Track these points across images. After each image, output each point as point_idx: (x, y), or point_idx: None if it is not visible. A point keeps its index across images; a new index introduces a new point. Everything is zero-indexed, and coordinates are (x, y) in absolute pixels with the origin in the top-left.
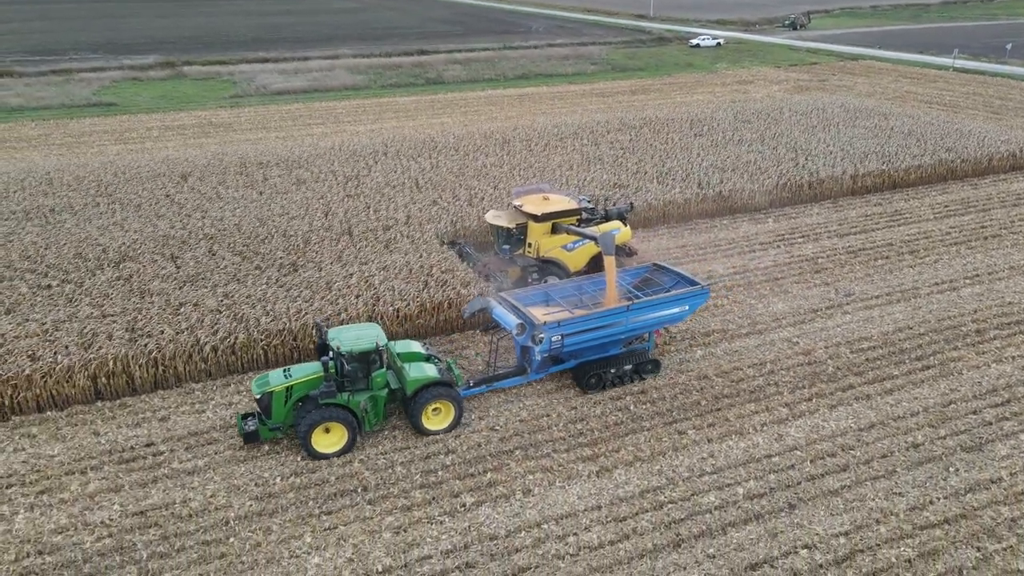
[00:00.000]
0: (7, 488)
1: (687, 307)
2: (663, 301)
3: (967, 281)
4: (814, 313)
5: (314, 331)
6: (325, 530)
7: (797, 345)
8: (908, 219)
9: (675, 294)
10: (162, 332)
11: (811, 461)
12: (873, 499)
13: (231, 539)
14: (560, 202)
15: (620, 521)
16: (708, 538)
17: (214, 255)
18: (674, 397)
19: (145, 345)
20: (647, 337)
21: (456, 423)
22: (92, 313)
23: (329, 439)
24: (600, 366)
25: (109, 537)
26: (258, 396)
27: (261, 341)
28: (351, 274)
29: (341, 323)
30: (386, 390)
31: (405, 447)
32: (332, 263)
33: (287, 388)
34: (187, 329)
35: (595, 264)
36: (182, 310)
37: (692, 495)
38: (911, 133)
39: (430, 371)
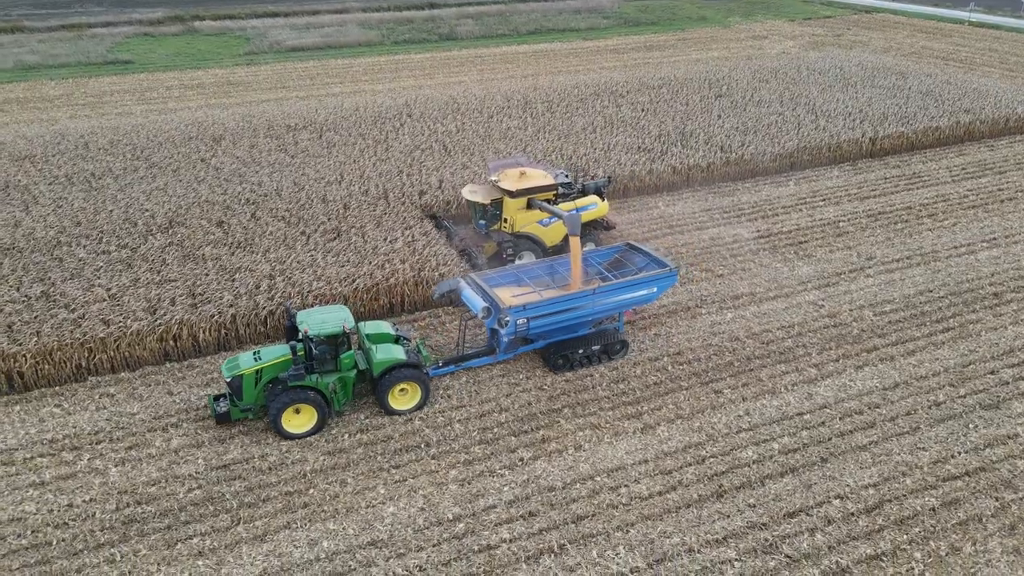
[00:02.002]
0: (97, 444)
1: (655, 289)
2: (630, 284)
3: (984, 245)
4: (838, 276)
5: (283, 313)
6: (396, 482)
7: (823, 308)
8: (926, 182)
9: (642, 276)
10: (222, 298)
11: (840, 418)
12: (899, 453)
13: (311, 490)
14: (536, 177)
15: (666, 474)
16: (748, 489)
17: (258, 220)
18: (708, 358)
19: (208, 310)
20: (617, 317)
21: (423, 403)
22: (153, 279)
23: (299, 420)
24: (568, 347)
25: (199, 489)
26: (229, 379)
27: (310, 304)
28: (395, 239)
29: (391, 289)
30: (354, 371)
31: (461, 406)
32: (374, 228)
33: (257, 371)
34: (246, 294)
35: None
36: (237, 276)
37: (731, 450)
38: (928, 93)
39: (397, 353)
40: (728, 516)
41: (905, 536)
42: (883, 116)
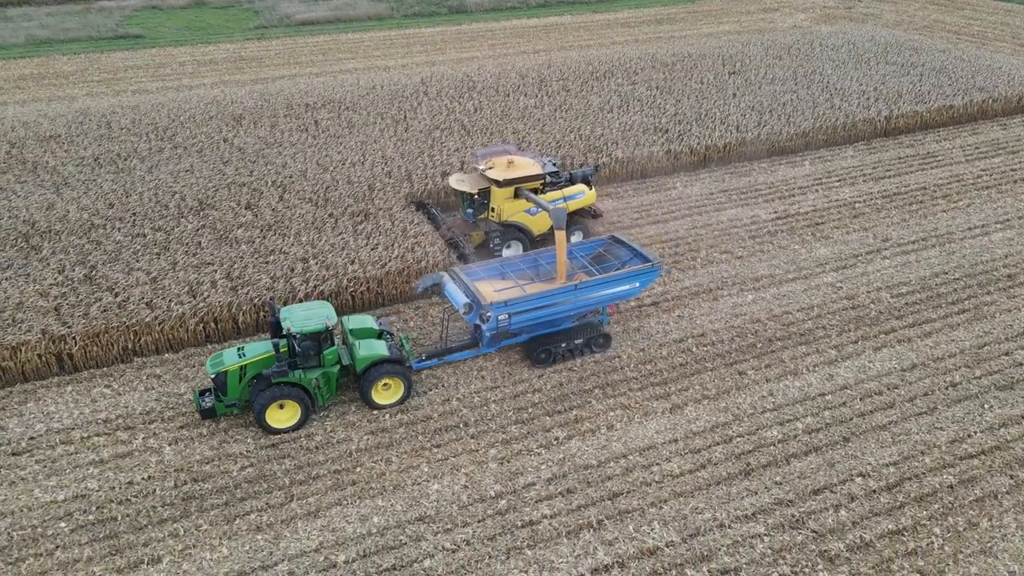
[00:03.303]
0: (150, 423)
1: (637, 284)
2: (612, 279)
3: (998, 226)
4: (855, 258)
5: (267, 309)
6: (438, 461)
7: (841, 290)
8: (940, 162)
9: (625, 272)
10: (259, 280)
11: (860, 399)
12: (917, 433)
13: (358, 468)
14: (524, 166)
15: (696, 453)
16: (774, 467)
17: (287, 202)
18: (732, 340)
19: (247, 293)
20: (600, 311)
21: (406, 397)
22: (190, 261)
23: (283, 415)
24: (551, 340)
25: (250, 467)
26: (213, 375)
27: (348, 288)
28: (422, 221)
29: (423, 272)
30: (338, 366)
31: (495, 386)
32: (401, 210)
33: (241, 367)
34: (282, 277)
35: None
36: (271, 258)
37: (757, 430)
38: (942, 70)
39: (380, 349)
40: (756, 493)
41: (925, 512)
42: (897, 94)
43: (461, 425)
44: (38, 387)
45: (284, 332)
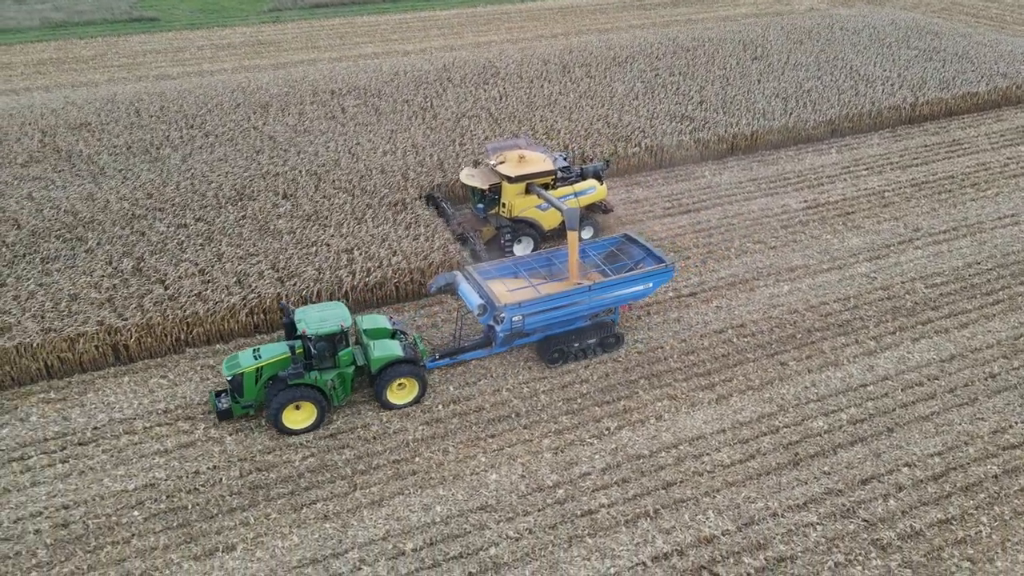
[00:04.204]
0: (209, 413)
1: (651, 284)
2: (626, 280)
3: None
4: (887, 248)
5: (280, 311)
6: (494, 451)
7: (875, 280)
8: (967, 149)
9: (639, 273)
10: (305, 271)
11: (902, 390)
12: (959, 424)
13: (416, 459)
14: (535, 161)
15: (744, 443)
16: (822, 458)
17: (321, 191)
18: (771, 330)
19: (294, 284)
20: (613, 310)
21: (420, 397)
22: (235, 252)
23: (299, 416)
24: (563, 340)
25: (312, 457)
26: (229, 377)
27: (392, 279)
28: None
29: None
30: (352, 367)
31: (543, 376)
32: (438, 200)
33: (257, 369)
34: (327, 268)
35: None
36: (314, 248)
37: (802, 420)
38: (964, 56)
39: (394, 349)
40: (806, 483)
41: (972, 502)
42: (922, 80)
43: (513, 415)
44: (95, 377)
45: (299, 334)
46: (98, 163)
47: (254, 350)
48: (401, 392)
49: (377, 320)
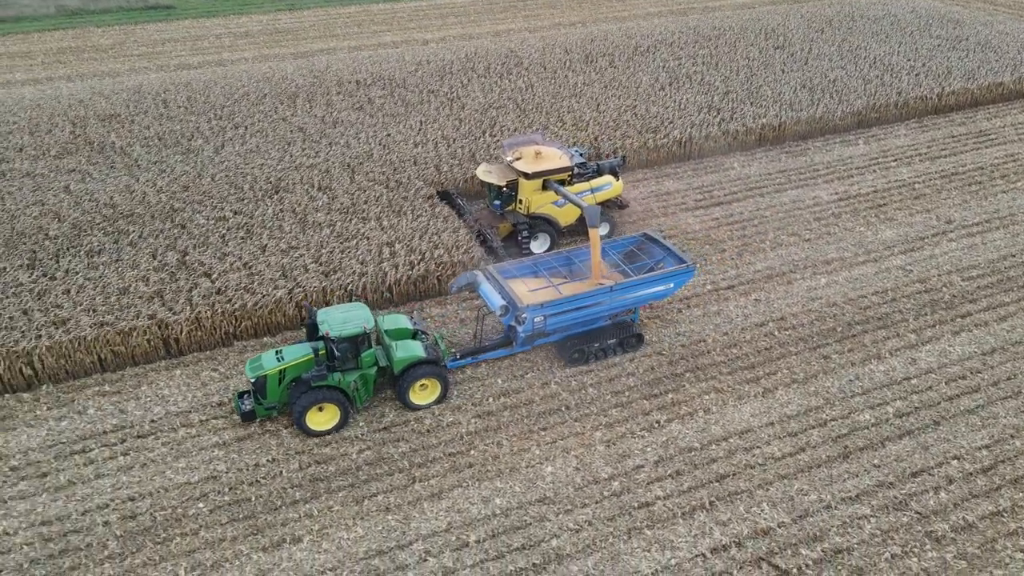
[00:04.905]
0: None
1: (672, 285)
2: (648, 280)
3: None
4: (921, 241)
5: (304, 313)
6: (547, 444)
7: (911, 273)
8: (994, 140)
9: (661, 273)
10: (348, 265)
11: (945, 383)
12: (1005, 416)
13: (471, 451)
14: (552, 158)
15: (793, 436)
16: (871, 451)
17: (357, 184)
18: (811, 323)
19: (338, 278)
20: (633, 310)
21: (443, 397)
22: (277, 246)
23: (323, 417)
24: (584, 341)
25: (368, 450)
26: (253, 379)
27: (435, 272)
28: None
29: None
30: (375, 368)
31: (589, 369)
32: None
33: (280, 371)
34: (370, 261)
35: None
36: (354, 242)
37: (849, 413)
38: (987, 45)
39: (416, 350)
40: (857, 476)
41: (1022, 494)
42: (947, 70)
43: (563, 408)
44: (147, 370)
45: (322, 335)
46: (131, 155)
47: (276, 351)
48: (423, 392)
49: (398, 320)
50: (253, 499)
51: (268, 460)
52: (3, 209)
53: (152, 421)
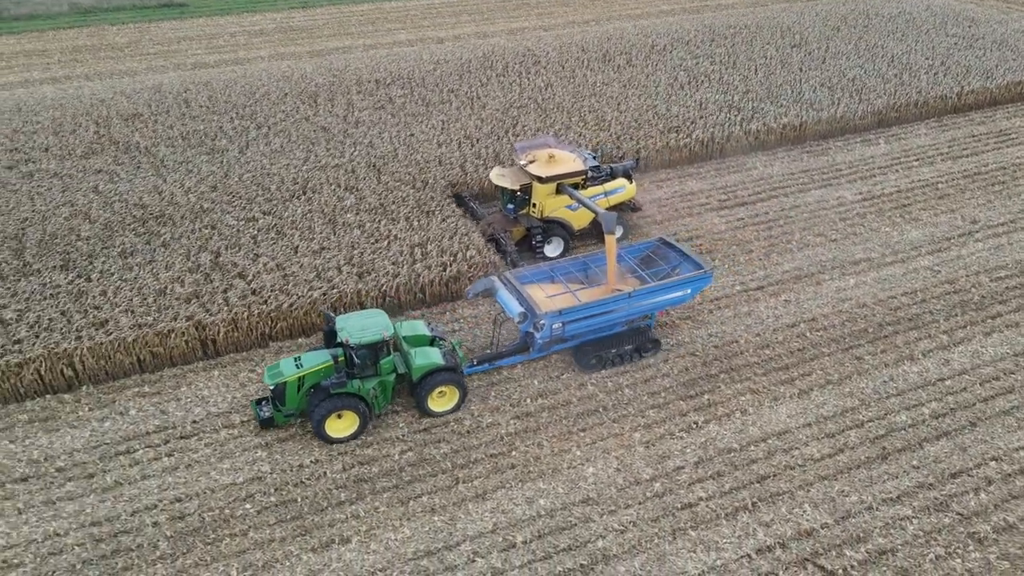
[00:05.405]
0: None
1: (689, 290)
2: (666, 286)
3: None
4: (947, 241)
5: (322, 320)
6: (587, 445)
7: (939, 274)
8: (1015, 139)
9: (679, 279)
10: (381, 266)
11: (980, 384)
12: None
13: (512, 452)
14: (566, 161)
15: (831, 437)
16: (909, 452)
17: (384, 184)
18: (843, 324)
19: (373, 278)
20: (649, 315)
21: (460, 404)
22: (309, 247)
23: (342, 424)
24: (601, 347)
25: (410, 451)
26: (272, 386)
27: (467, 273)
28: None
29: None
30: (394, 375)
31: (624, 371)
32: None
33: (299, 378)
34: (403, 262)
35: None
36: (385, 242)
37: (885, 414)
38: (1004, 43)
39: (435, 357)
40: (896, 477)
41: None
42: (965, 69)
43: (601, 409)
44: (186, 371)
45: (341, 342)
46: (157, 155)
47: (295, 358)
48: (441, 399)
49: (416, 327)
50: (299, 500)
51: (311, 461)
52: (34, 210)
53: (194, 422)
